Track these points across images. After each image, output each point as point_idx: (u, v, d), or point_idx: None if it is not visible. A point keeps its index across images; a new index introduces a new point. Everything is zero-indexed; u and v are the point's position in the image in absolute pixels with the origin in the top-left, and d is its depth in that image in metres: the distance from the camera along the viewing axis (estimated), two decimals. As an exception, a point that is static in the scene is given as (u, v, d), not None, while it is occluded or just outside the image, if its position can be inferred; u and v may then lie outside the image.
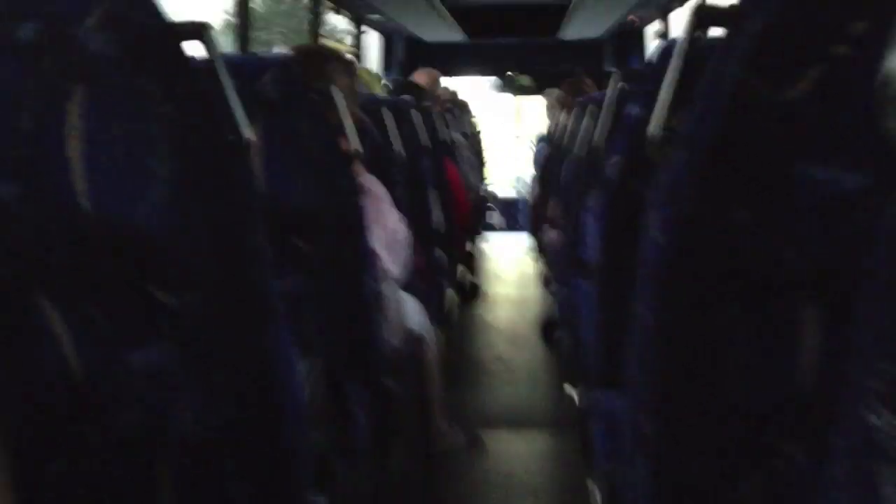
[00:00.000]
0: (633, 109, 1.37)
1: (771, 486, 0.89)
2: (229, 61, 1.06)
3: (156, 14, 0.88)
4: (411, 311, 2.28)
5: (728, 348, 0.85)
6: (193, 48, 0.96)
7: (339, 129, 1.68)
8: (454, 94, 6.03)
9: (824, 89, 0.73)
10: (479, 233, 6.02)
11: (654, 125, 0.90)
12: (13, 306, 0.97)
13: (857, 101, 0.73)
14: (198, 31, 0.95)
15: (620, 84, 1.60)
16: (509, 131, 9.16)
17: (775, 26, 0.73)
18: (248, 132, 1.02)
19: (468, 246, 4.70)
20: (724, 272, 0.83)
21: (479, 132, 7.14)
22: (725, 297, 0.83)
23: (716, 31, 0.86)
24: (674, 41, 1.33)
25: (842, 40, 0.72)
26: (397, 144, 2.41)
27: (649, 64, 1.34)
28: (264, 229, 1.02)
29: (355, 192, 1.63)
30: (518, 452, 2.82)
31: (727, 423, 0.89)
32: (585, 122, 2.34)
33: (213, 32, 0.97)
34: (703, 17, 0.84)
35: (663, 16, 5.94)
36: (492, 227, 8.08)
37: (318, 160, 1.50)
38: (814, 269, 0.79)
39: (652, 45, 6.98)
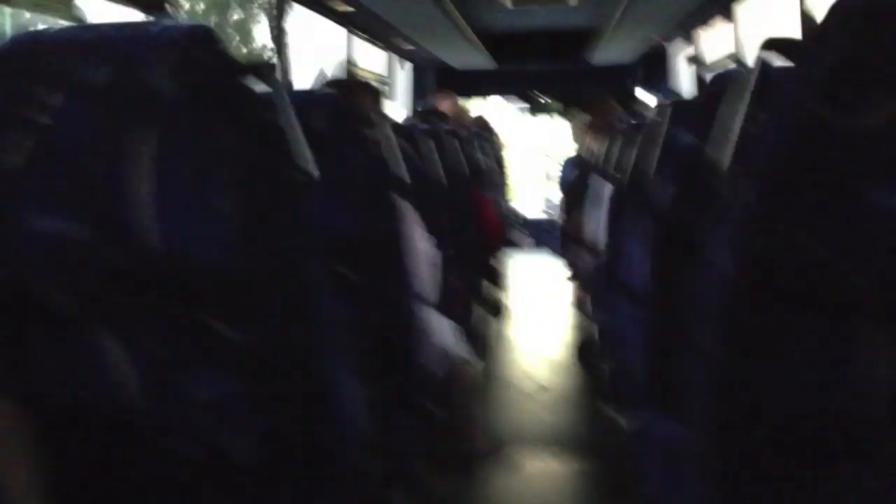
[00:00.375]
0: (685, 138, 1.37)
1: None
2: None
3: (222, 54, 0.90)
4: (447, 334, 2.28)
5: (797, 377, 0.84)
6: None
7: (386, 160, 1.70)
8: (486, 122, 6.05)
9: None
10: (503, 251, 6.00)
11: (727, 158, 0.90)
12: (77, 340, 0.99)
13: None
14: (263, 70, 0.97)
15: (671, 111, 1.61)
16: (539, 153, 9.17)
17: (852, 59, 0.73)
18: (313, 168, 1.03)
19: (494, 263, 4.69)
20: (795, 302, 0.82)
21: (501, 151, 7.15)
22: (795, 327, 0.83)
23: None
24: (726, 72, 1.34)
25: None
26: (439, 172, 2.42)
27: (705, 93, 1.34)
28: (321, 261, 1.03)
29: (399, 219, 1.64)
30: (554, 475, 2.80)
31: (795, 452, 0.88)
32: (626, 148, 2.34)
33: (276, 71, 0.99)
34: (774, 48, 0.84)
35: (687, 37, 5.93)
36: (517, 246, 8.06)
37: (364, 191, 1.51)
38: (885, 298, 0.79)
39: (680, 68, 6.96)
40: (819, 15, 0.78)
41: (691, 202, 1.39)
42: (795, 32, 2.75)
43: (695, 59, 6.05)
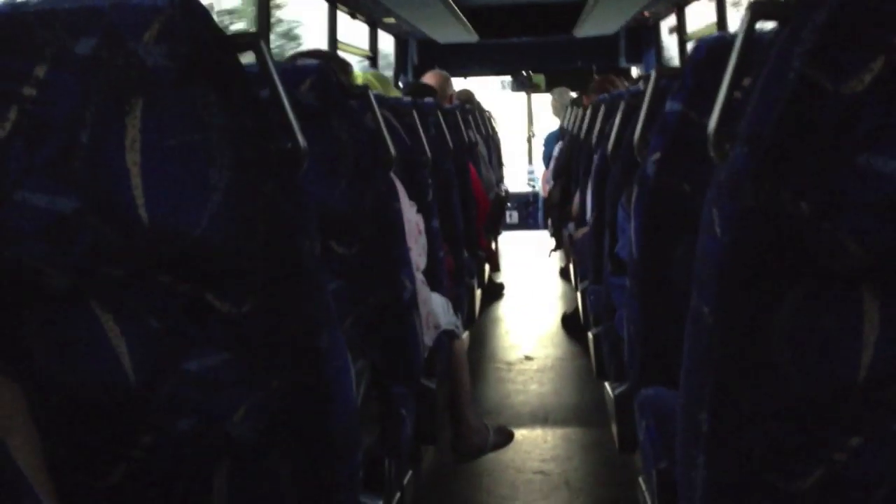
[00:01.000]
0: (673, 106, 1.37)
1: (833, 479, 0.89)
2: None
3: (210, 26, 0.89)
4: (439, 309, 2.29)
5: (789, 341, 0.85)
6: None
7: (373, 133, 1.69)
8: (470, 94, 6.03)
9: (887, 80, 0.73)
10: (499, 232, 6.03)
11: (714, 122, 0.90)
12: (70, 316, 0.99)
13: None
14: (251, 41, 0.96)
15: (659, 80, 1.60)
16: (521, 129, 9.16)
17: (838, 18, 0.73)
18: (302, 140, 1.02)
19: (491, 245, 4.71)
20: (786, 266, 0.83)
21: (496, 132, 7.14)
22: (787, 290, 0.84)
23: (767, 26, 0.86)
24: (714, 38, 1.33)
25: None
26: (425, 147, 2.42)
27: (690, 60, 1.34)
28: (318, 236, 1.03)
29: (392, 195, 1.64)
30: (550, 448, 2.82)
31: (789, 417, 0.89)
32: (612, 120, 2.34)
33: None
34: (759, 11, 0.84)
35: (678, 11, 5.93)
36: (510, 226, 8.10)
37: (355, 165, 1.51)
38: (876, 260, 0.80)
39: (667, 39, 6.96)
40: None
41: (677, 168, 1.40)
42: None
43: (678, 29, 6.05)
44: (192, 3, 0.87)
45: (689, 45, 5.50)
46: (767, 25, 0.86)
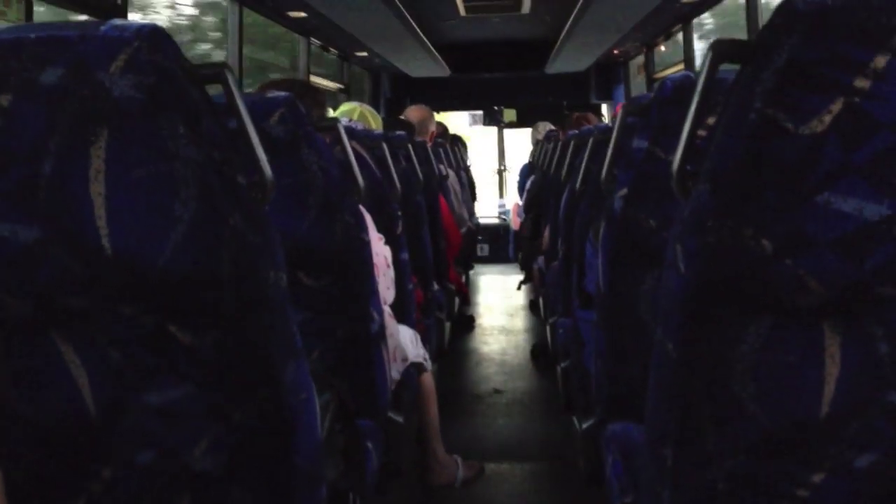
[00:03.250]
0: (639, 143, 1.39)
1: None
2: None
3: (176, 56, 0.89)
4: (408, 342, 2.28)
5: (752, 377, 0.86)
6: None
7: (342, 165, 1.69)
8: (445, 128, 6.07)
9: (846, 122, 0.75)
10: (471, 266, 6.03)
11: (678, 159, 0.91)
12: (31, 346, 0.97)
13: (878, 133, 0.75)
14: (218, 72, 0.96)
15: (627, 118, 1.62)
16: (493, 163, 9.21)
17: (798, 60, 0.75)
18: (268, 172, 1.02)
19: (461, 278, 4.71)
20: (748, 302, 0.84)
21: (469, 166, 7.18)
22: (749, 326, 0.84)
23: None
24: (676, 77, 1.35)
25: (863, 74, 0.74)
26: (395, 180, 2.42)
27: (655, 98, 1.35)
28: (284, 268, 1.02)
29: (361, 227, 1.64)
30: (518, 482, 2.81)
31: (753, 452, 0.89)
32: (581, 155, 2.36)
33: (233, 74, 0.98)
34: (721, 51, 0.85)
35: (647, 50, 6.03)
36: (481, 259, 8.12)
37: (324, 197, 1.51)
38: (837, 297, 0.81)
39: (635, 78, 7.07)
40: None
41: (643, 204, 1.41)
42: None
43: (646, 67, 6.15)
44: (159, 35, 0.87)
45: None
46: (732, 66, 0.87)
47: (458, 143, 6.50)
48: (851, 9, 0.74)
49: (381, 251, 2.00)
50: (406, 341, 2.26)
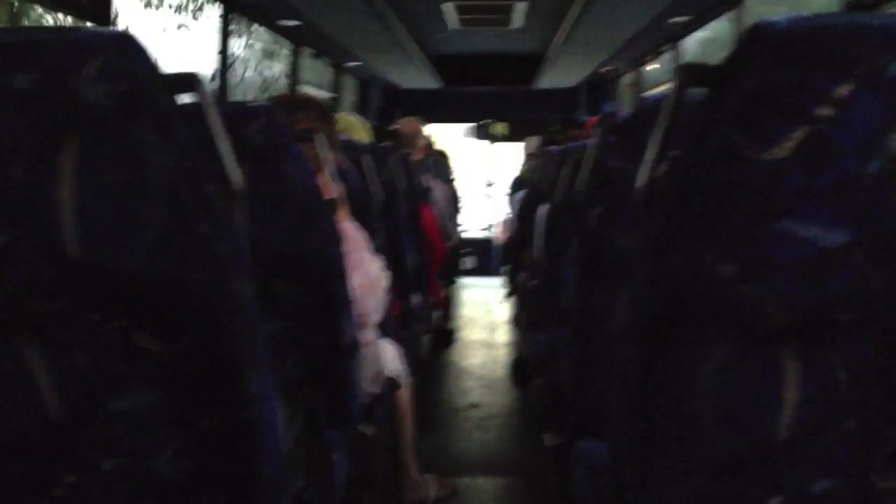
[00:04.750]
0: (615, 161, 1.40)
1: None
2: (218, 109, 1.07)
3: (149, 64, 0.89)
4: (388, 357, 2.28)
5: (713, 398, 0.87)
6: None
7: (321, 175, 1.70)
8: (430, 141, 6.08)
9: (808, 149, 0.76)
10: (454, 280, 6.03)
11: (641, 180, 0.92)
12: (-2, 351, 0.97)
13: (840, 161, 0.76)
14: (190, 81, 0.97)
15: (604, 136, 1.63)
16: (482, 177, 9.23)
17: (763, 87, 0.76)
18: (239, 179, 1.02)
19: (443, 291, 4.71)
20: (710, 324, 0.84)
21: (454, 179, 7.20)
22: (711, 348, 0.85)
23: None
24: (654, 97, 1.37)
25: (827, 102, 0.75)
26: (376, 190, 2.42)
27: (633, 117, 1.37)
28: (252, 276, 1.02)
29: (336, 237, 1.64)
30: (490, 498, 2.81)
31: (713, 473, 0.90)
32: (564, 171, 2.37)
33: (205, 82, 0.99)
34: (690, 75, 0.86)
35: (636, 68, 6.07)
36: (466, 272, 8.12)
37: (300, 205, 1.51)
38: (797, 322, 0.81)
39: (624, 94, 7.11)
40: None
41: (618, 222, 1.42)
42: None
43: (635, 85, 6.19)
44: (131, 42, 0.87)
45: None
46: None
47: (443, 156, 6.51)
48: (817, 37, 0.75)
49: (372, 272, 1.97)
50: (386, 355, 2.26)
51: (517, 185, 6.39)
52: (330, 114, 2.12)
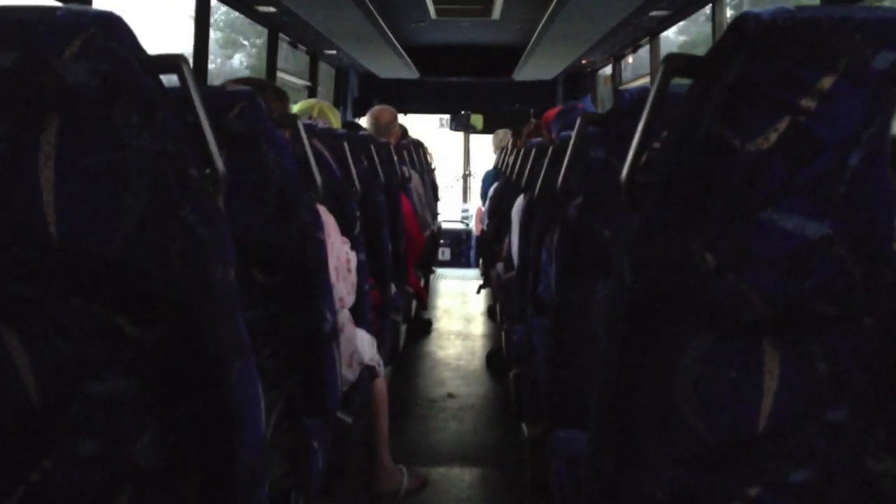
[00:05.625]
0: (597, 153, 1.40)
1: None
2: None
3: (133, 46, 0.88)
4: (365, 345, 2.27)
5: (693, 389, 0.87)
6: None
7: (301, 163, 1.69)
8: (405, 130, 6.06)
9: (791, 141, 0.76)
10: (431, 269, 6.03)
11: (626, 171, 0.92)
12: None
13: (822, 152, 0.77)
14: (174, 63, 0.95)
15: (586, 128, 1.64)
16: (458, 167, 9.23)
17: (747, 78, 0.76)
18: (221, 165, 1.01)
19: (420, 281, 4.71)
20: (691, 315, 0.85)
21: (433, 169, 7.19)
22: (691, 339, 0.86)
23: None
24: (638, 89, 1.37)
25: (810, 94, 0.75)
26: (355, 179, 2.41)
27: (615, 108, 1.37)
28: (234, 263, 1.02)
29: (317, 226, 1.63)
30: (466, 488, 2.81)
31: (692, 464, 0.90)
32: (542, 163, 2.37)
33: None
34: (674, 66, 0.86)
35: (614, 61, 6.09)
36: (442, 263, 8.12)
37: (281, 193, 1.50)
38: (777, 313, 0.82)
39: (602, 87, 7.13)
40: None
41: (598, 214, 1.42)
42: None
43: (613, 78, 6.21)
44: (114, 21, 0.86)
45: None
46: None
47: (421, 146, 6.50)
48: (801, 29, 0.76)
49: (342, 254, 1.99)
50: (363, 344, 2.25)
51: (491, 177, 6.40)
52: (285, 94, 2.12)
